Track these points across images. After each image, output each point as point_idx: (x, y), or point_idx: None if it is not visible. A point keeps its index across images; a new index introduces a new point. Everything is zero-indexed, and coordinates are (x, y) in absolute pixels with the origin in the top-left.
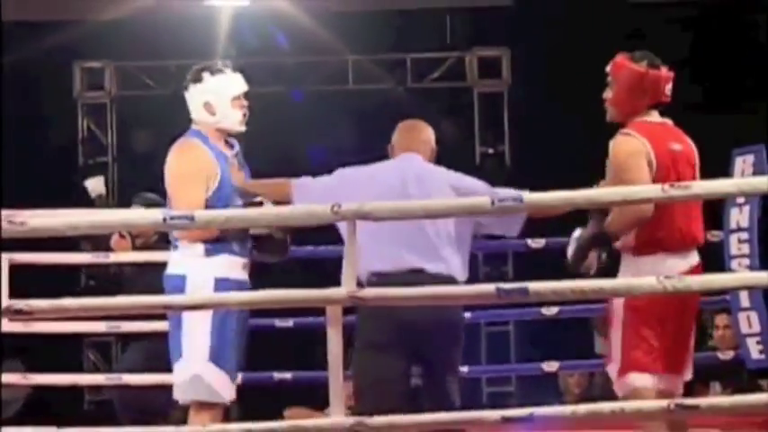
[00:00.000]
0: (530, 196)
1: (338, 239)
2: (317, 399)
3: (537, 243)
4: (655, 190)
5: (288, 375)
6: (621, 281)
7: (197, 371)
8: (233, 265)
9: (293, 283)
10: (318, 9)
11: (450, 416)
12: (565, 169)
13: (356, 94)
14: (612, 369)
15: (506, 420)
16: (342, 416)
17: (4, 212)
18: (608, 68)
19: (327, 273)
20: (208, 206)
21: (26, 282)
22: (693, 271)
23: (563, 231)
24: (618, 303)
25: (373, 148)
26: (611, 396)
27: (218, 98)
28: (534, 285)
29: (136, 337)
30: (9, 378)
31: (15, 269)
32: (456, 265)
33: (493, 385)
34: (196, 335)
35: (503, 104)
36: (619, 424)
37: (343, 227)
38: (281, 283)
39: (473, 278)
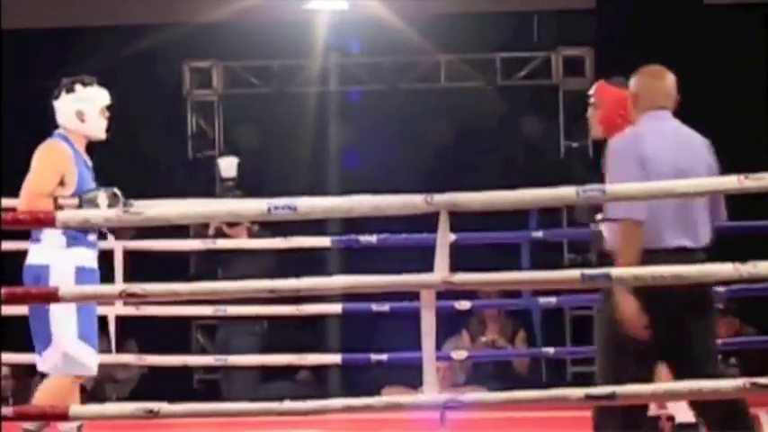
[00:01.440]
0: (611, 188)
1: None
2: (411, 378)
3: None
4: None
5: (384, 357)
6: (700, 267)
7: (68, 350)
8: (89, 256)
9: (390, 270)
10: (413, 12)
11: (535, 394)
12: None
13: (448, 92)
14: None
15: (590, 398)
16: (435, 393)
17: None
18: (592, 91)
19: (422, 259)
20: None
21: (137, 268)
22: None
23: None
24: None
25: (465, 143)
26: None
27: (89, 107)
28: (616, 271)
29: (242, 321)
30: (125, 358)
31: (131, 255)
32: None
33: (577, 365)
34: (63, 318)
35: (587, 101)
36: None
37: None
38: (378, 269)
39: (558, 264)
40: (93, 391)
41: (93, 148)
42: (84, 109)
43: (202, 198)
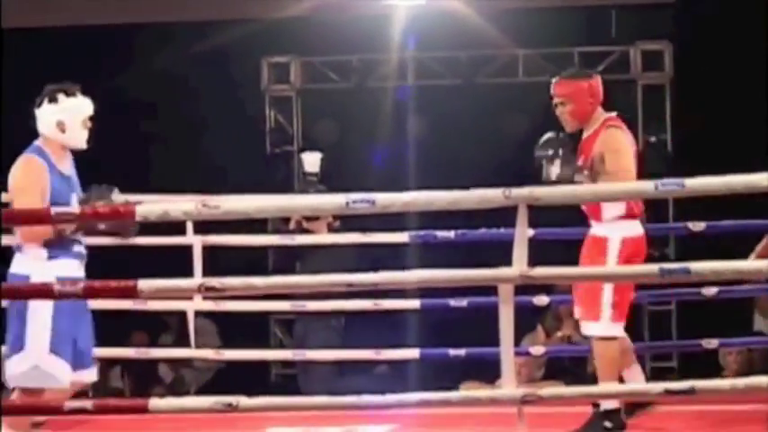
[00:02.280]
0: (691, 181)
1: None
2: (489, 373)
3: (697, 226)
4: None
5: (462, 352)
6: None
7: (36, 362)
8: (73, 266)
9: (467, 265)
10: (490, 6)
11: (614, 388)
12: (724, 156)
13: (526, 87)
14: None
15: (668, 393)
16: (513, 388)
17: (199, 197)
18: (554, 91)
19: (498, 254)
20: None
21: (216, 262)
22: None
23: (722, 215)
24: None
25: (542, 136)
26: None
27: (70, 118)
28: (695, 266)
29: (319, 315)
30: (203, 353)
31: (209, 250)
32: None
33: (655, 361)
34: (37, 328)
35: (665, 96)
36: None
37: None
38: (455, 264)
39: None
40: (171, 382)
41: (159, 142)
42: (65, 119)
43: (281, 193)
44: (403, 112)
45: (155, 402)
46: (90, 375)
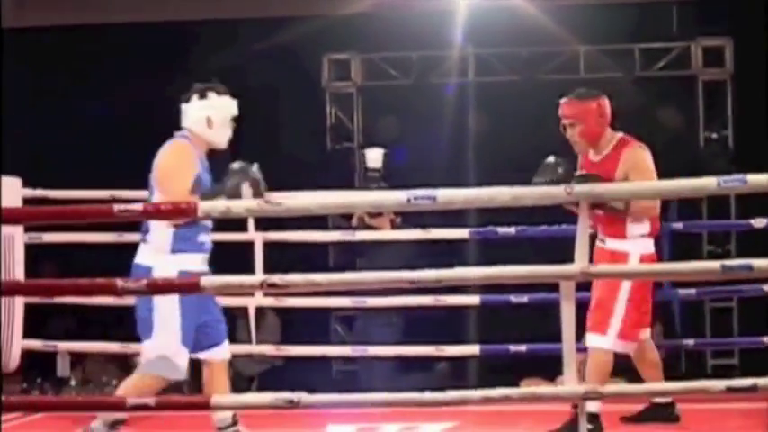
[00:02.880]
0: (753, 178)
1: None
2: (550, 369)
3: (759, 222)
4: None
5: (523, 348)
6: None
7: (167, 352)
8: (197, 260)
9: (528, 261)
10: (551, 2)
11: (676, 386)
12: None
13: (587, 83)
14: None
15: (730, 390)
16: (574, 384)
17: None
18: (562, 113)
19: (560, 251)
20: None
21: (281, 258)
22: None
23: None
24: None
25: None
26: None
27: (218, 116)
28: (758, 262)
29: (380, 312)
30: (264, 349)
31: (271, 246)
32: None
33: (717, 358)
34: (168, 318)
35: (726, 92)
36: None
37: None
38: (516, 260)
39: (697, 256)
40: (233, 380)
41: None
42: (213, 116)
43: (341, 189)
44: (463, 108)
45: (217, 399)
46: (222, 352)
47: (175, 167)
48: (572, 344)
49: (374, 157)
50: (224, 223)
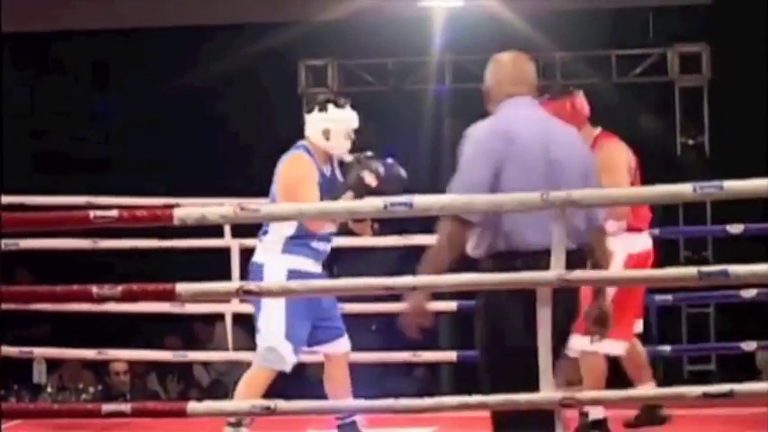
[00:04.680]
0: (729, 184)
1: None
2: None
3: (735, 228)
4: None
5: None
6: None
7: (273, 343)
8: (304, 262)
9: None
10: (528, 8)
11: (652, 392)
12: (761, 159)
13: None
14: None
15: (707, 396)
16: (551, 390)
17: (237, 201)
18: None
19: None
20: None
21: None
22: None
23: (761, 218)
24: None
25: None
26: None
27: (336, 128)
28: (734, 268)
29: (357, 318)
30: (242, 356)
31: (247, 253)
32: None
33: (694, 364)
34: (272, 315)
35: (703, 98)
36: None
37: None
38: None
39: (674, 262)
40: (209, 387)
41: (197, 148)
42: (331, 128)
43: None
44: (441, 114)
45: (193, 406)
46: (341, 345)
47: (297, 178)
48: (548, 350)
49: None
50: (201, 229)
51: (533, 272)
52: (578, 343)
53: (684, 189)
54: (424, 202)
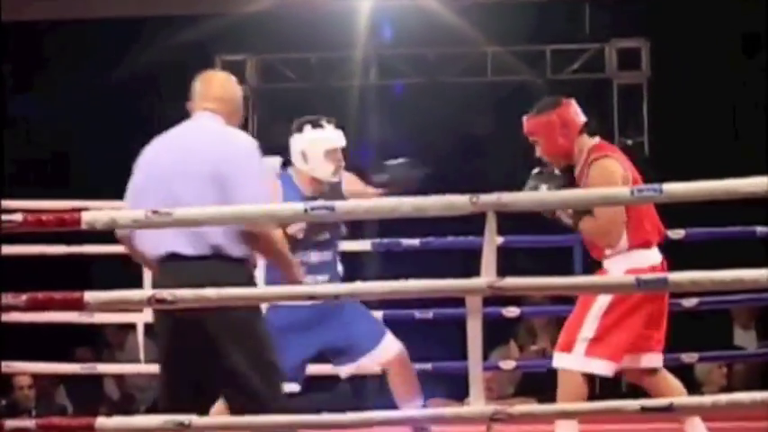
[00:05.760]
0: (669, 187)
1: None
2: (456, 389)
3: (676, 234)
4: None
5: (428, 366)
6: (761, 272)
7: None
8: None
9: (433, 274)
10: (457, 1)
11: (588, 406)
12: (703, 160)
13: (495, 86)
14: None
15: (645, 410)
16: (482, 404)
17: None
18: (524, 130)
19: (467, 263)
20: None
21: None
22: (663, 263)
23: (702, 222)
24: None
25: (512, 140)
26: (751, 386)
27: (313, 150)
28: (674, 276)
29: None
30: (154, 369)
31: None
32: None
33: None
34: None
35: (642, 96)
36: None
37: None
38: (421, 274)
39: None
40: (121, 401)
41: (107, 147)
42: (307, 150)
43: None
44: (365, 113)
45: (101, 421)
46: (379, 355)
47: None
48: (479, 362)
49: (272, 165)
50: (111, 234)
51: (463, 280)
52: (560, 360)
53: (622, 192)
54: (346, 205)
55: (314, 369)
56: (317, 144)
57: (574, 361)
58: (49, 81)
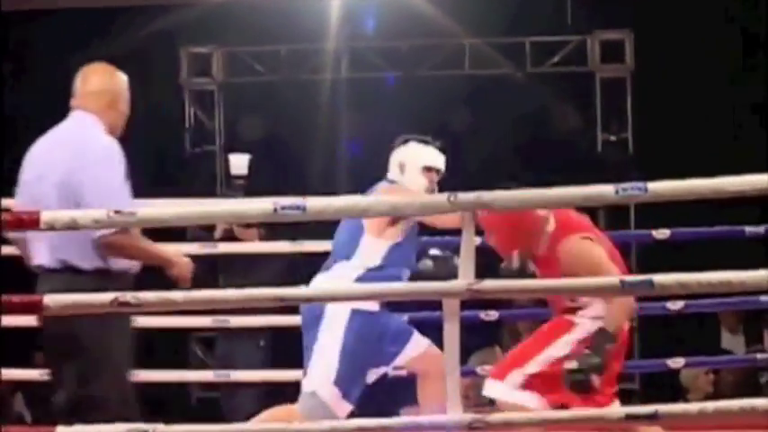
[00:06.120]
0: (654, 185)
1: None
2: None
3: (661, 234)
4: None
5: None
6: (749, 274)
7: (317, 388)
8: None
9: (411, 276)
10: None
11: (571, 413)
12: (690, 157)
13: (473, 80)
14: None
15: (630, 418)
16: (459, 412)
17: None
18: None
19: None
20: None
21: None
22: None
23: (689, 222)
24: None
25: (491, 136)
26: (740, 394)
27: (411, 163)
28: (659, 278)
29: (245, 333)
30: None
31: None
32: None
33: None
34: (326, 353)
35: (626, 90)
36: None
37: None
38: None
39: None
40: None
41: None
42: (406, 163)
43: (201, 197)
44: (337, 107)
45: (62, 430)
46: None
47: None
48: (456, 367)
49: (238, 163)
50: None
51: (442, 282)
52: (489, 387)
53: (605, 190)
54: (318, 204)
55: (281, 375)
56: (417, 159)
57: (503, 391)
58: (15, 72)
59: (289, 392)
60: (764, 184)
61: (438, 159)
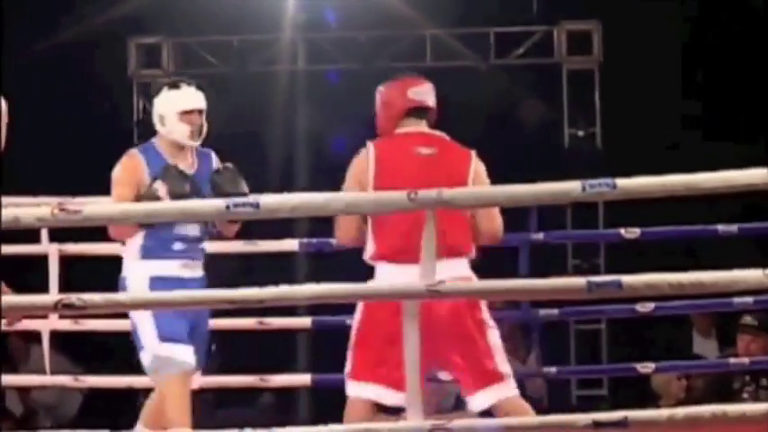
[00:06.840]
0: (623, 182)
1: None
2: None
3: (631, 233)
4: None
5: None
6: (722, 274)
7: (155, 352)
8: (171, 266)
9: (366, 277)
10: None
11: (536, 420)
12: (661, 153)
13: (434, 72)
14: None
15: (597, 425)
16: (420, 419)
17: (57, 200)
18: None
19: None
20: None
21: (78, 275)
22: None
23: (659, 221)
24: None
25: (453, 130)
26: (711, 399)
27: (168, 111)
28: (628, 279)
29: None
30: (61, 380)
31: (67, 261)
32: None
33: (583, 388)
34: (144, 324)
35: (594, 82)
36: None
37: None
38: (353, 277)
39: (561, 271)
40: (24, 418)
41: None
42: (164, 113)
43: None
44: (292, 100)
45: None
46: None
47: (113, 180)
48: (416, 372)
49: None
50: (15, 234)
51: (399, 282)
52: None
53: (572, 187)
54: (272, 202)
55: (232, 380)
56: (172, 105)
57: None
58: None
59: (238, 397)
60: (738, 181)
61: (193, 99)
